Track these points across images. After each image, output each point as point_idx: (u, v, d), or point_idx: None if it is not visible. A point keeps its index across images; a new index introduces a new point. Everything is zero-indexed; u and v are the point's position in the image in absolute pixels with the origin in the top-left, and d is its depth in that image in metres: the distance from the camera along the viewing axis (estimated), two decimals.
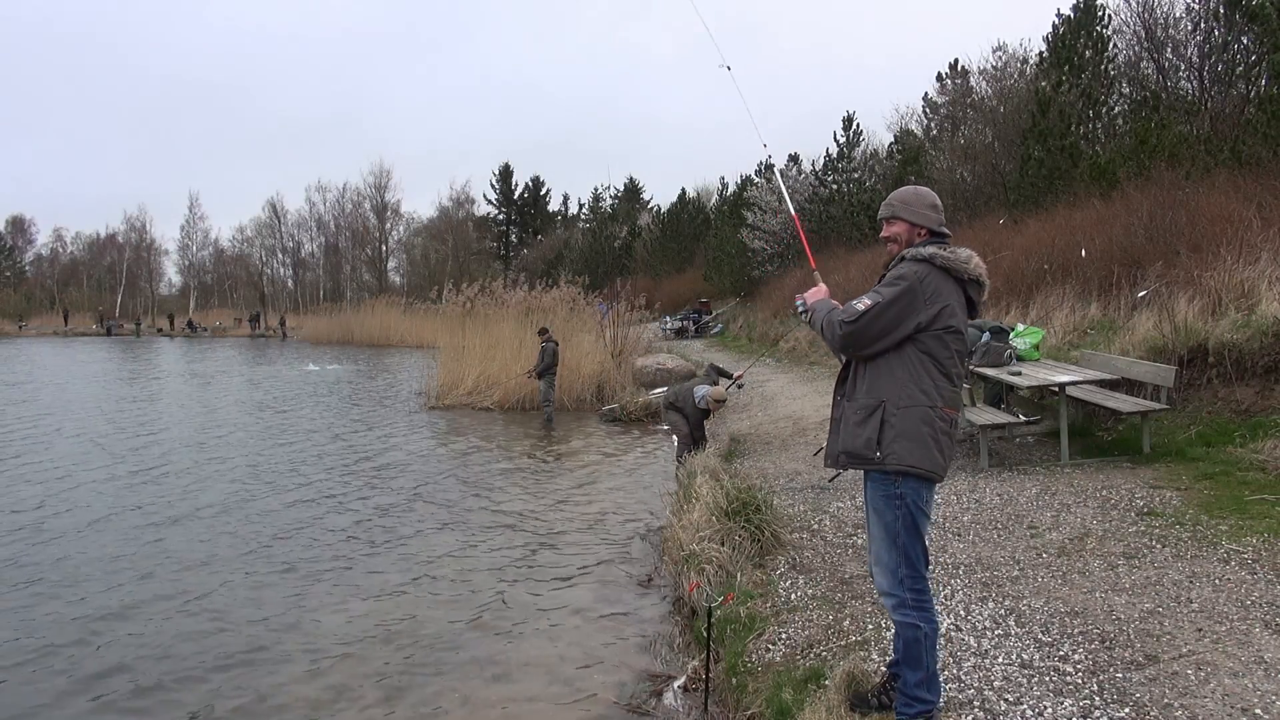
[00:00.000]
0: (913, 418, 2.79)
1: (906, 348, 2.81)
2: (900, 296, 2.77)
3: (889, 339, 2.80)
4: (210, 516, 7.51)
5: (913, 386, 2.80)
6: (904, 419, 2.79)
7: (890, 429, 2.79)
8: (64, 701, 4.15)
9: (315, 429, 12.82)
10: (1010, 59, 22.69)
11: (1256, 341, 6.80)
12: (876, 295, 2.81)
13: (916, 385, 2.80)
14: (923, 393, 2.80)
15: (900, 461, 2.78)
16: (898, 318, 2.77)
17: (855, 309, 2.80)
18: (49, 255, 71.65)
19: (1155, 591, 3.95)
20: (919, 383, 2.80)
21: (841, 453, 2.95)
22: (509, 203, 69.50)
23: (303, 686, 4.25)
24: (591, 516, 7.40)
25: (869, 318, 2.78)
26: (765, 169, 32.68)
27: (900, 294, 2.77)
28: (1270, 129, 11.11)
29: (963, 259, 2.85)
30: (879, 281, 2.97)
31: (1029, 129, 15.87)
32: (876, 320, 2.77)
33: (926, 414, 2.80)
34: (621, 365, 15.84)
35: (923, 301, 2.77)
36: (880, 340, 2.80)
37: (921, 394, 2.80)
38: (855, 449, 2.88)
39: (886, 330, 2.79)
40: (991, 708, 3.07)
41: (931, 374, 2.82)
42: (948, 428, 2.86)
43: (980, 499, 5.87)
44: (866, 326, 2.78)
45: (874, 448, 2.81)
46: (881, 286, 2.84)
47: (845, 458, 2.94)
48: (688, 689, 4.02)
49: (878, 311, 2.77)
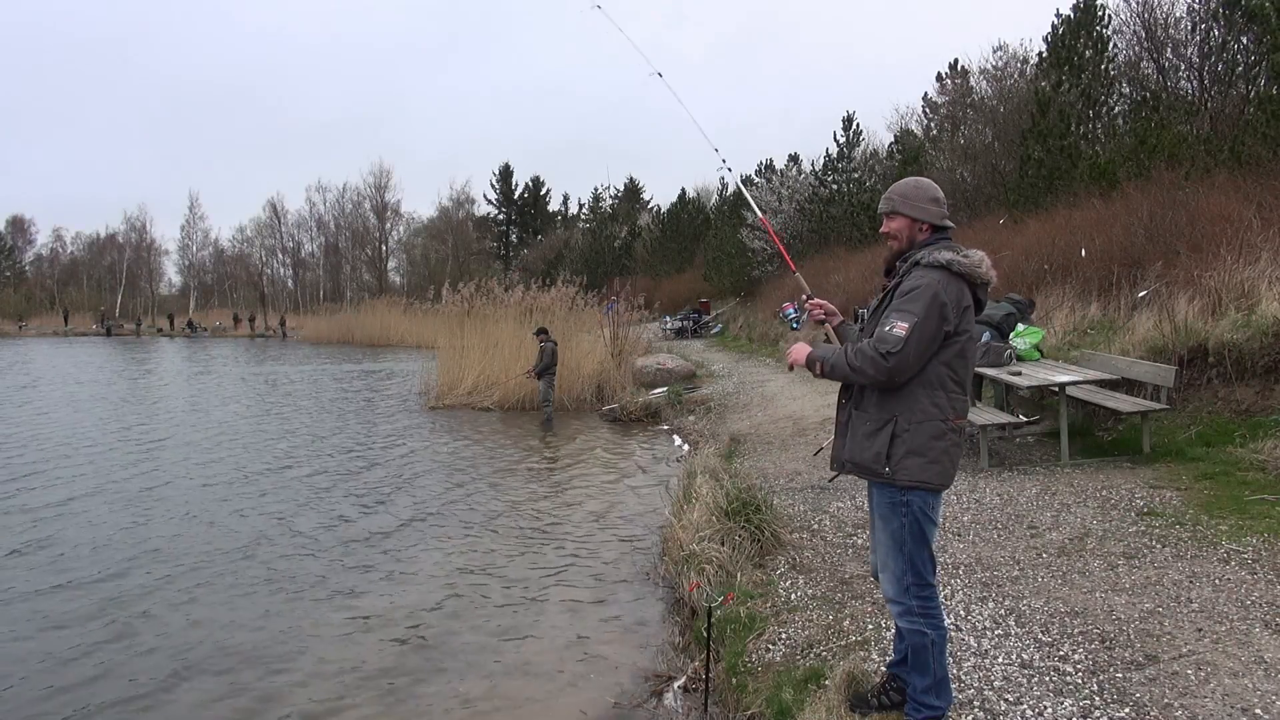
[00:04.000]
0: (924, 433, 2.73)
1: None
2: (930, 309, 2.66)
3: (928, 356, 2.71)
4: (206, 519, 7.50)
5: (925, 400, 2.74)
6: (916, 434, 2.74)
7: (901, 444, 2.74)
8: (65, 702, 4.14)
9: (315, 429, 12.82)
10: (1010, 59, 22.75)
11: (1256, 341, 6.80)
12: (908, 315, 2.67)
13: (929, 399, 2.74)
14: (935, 406, 2.74)
15: (911, 478, 2.74)
16: (935, 332, 2.68)
17: (896, 335, 2.66)
18: (49, 255, 71.69)
19: (1155, 591, 3.95)
20: (932, 396, 2.74)
21: (849, 461, 2.91)
22: (509, 203, 69.54)
23: (302, 687, 4.24)
24: (591, 516, 7.40)
25: (913, 340, 2.65)
26: (766, 168, 32.72)
27: (930, 307, 2.66)
28: (1270, 129, 11.11)
29: (976, 262, 2.76)
30: (888, 283, 2.89)
31: (1029, 129, 15.86)
32: (920, 341, 2.67)
33: (938, 428, 2.74)
34: (621, 365, 15.83)
35: (951, 311, 2.69)
36: (923, 359, 2.70)
37: (934, 408, 2.74)
38: (864, 461, 2.83)
39: (928, 347, 2.69)
40: (991, 708, 3.07)
41: (946, 384, 2.75)
42: (957, 437, 2.81)
43: (980, 499, 5.87)
44: (914, 350, 2.67)
45: (883, 462, 2.77)
46: (904, 304, 2.71)
47: (852, 467, 2.90)
48: (688, 689, 4.02)
49: (919, 333, 2.66)
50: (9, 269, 68.58)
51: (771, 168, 32.32)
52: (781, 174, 30.39)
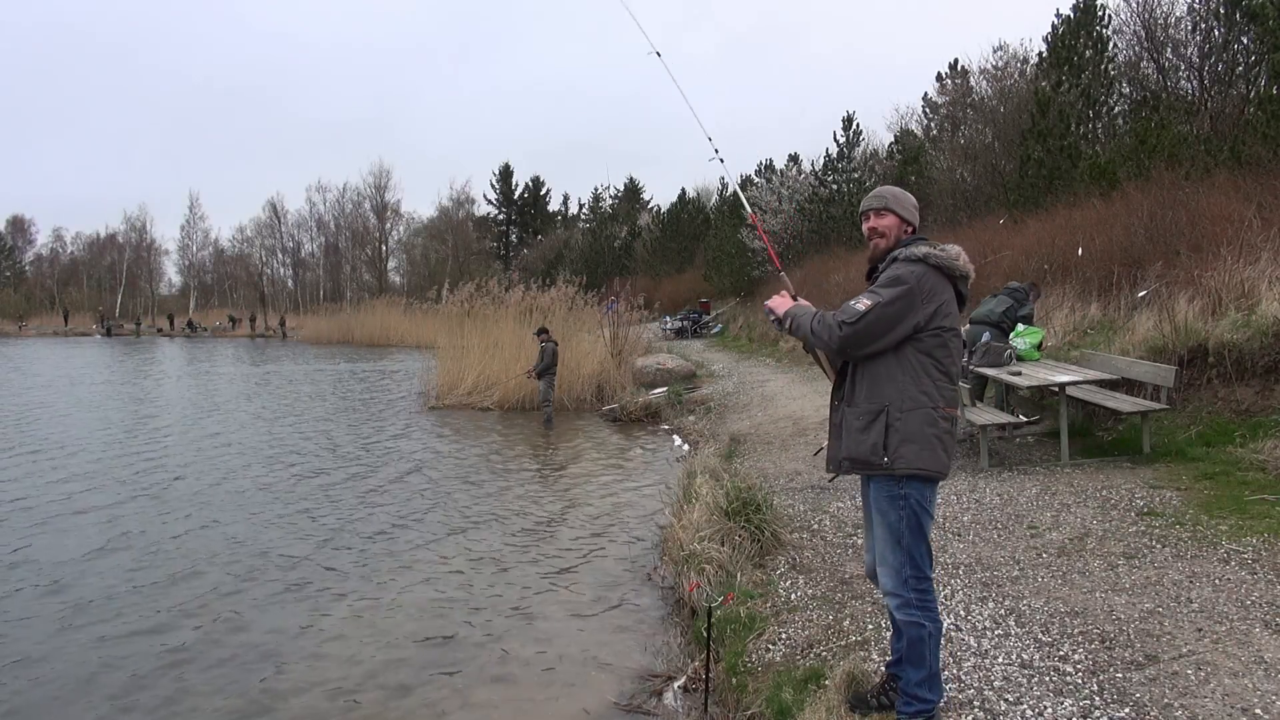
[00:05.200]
0: (917, 420, 2.79)
1: (905, 349, 2.81)
2: (899, 297, 2.77)
3: (888, 339, 2.80)
4: (206, 518, 7.50)
5: (914, 389, 2.81)
6: (908, 422, 2.79)
7: (896, 433, 2.80)
8: (66, 701, 4.14)
9: (315, 429, 12.82)
10: (1010, 59, 22.73)
11: (1256, 341, 6.80)
12: (875, 295, 2.80)
13: (917, 387, 2.81)
14: (924, 394, 2.81)
15: (909, 465, 2.78)
16: (897, 317, 2.77)
17: (855, 309, 2.79)
18: (49, 255, 71.72)
19: (1155, 591, 3.95)
20: (919, 384, 2.81)
21: (845, 458, 2.94)
22: (509, 203, 69.56)
23: (301, 687, 4.24)
24: (591, 516, 7.40)
25: (870, 318, 2.77)
26: (766, 168, 32.72)
27: (899, 294, 2.77)
28: (1270, 129, 11.11)
29: (953, 256, 2.86)
30: (870, 282, 2.97)
31: (1029, 129, 15.86)
32: (878, 321, 2.77)
33: (930, 415, 2.80)
34: (621, 365, 15.83)
35: (920, 301, 2.78)
36: (879, 340, 2.80)
37: (923, 395, 2.81)
38: (860, 455, 2.87)
39: (886, 330, 2.78)
40: (991, 708, 3.07)
41: (931, 374, 2.82)
42: (950, 426, 2.88)
43: (980, 499, 5.87)
44: (867, 327, 2.77)
45: (880, 453, 2.81)
46: (879, 287, 2.83)
47: (849, 463, 2.93)
48: (688, 689, 4.02)
49: (878, 312, 2.76)
50: (9, 269, 68.64)
51: (771, 168, 32.31)
52: (781, 174, 30.38)
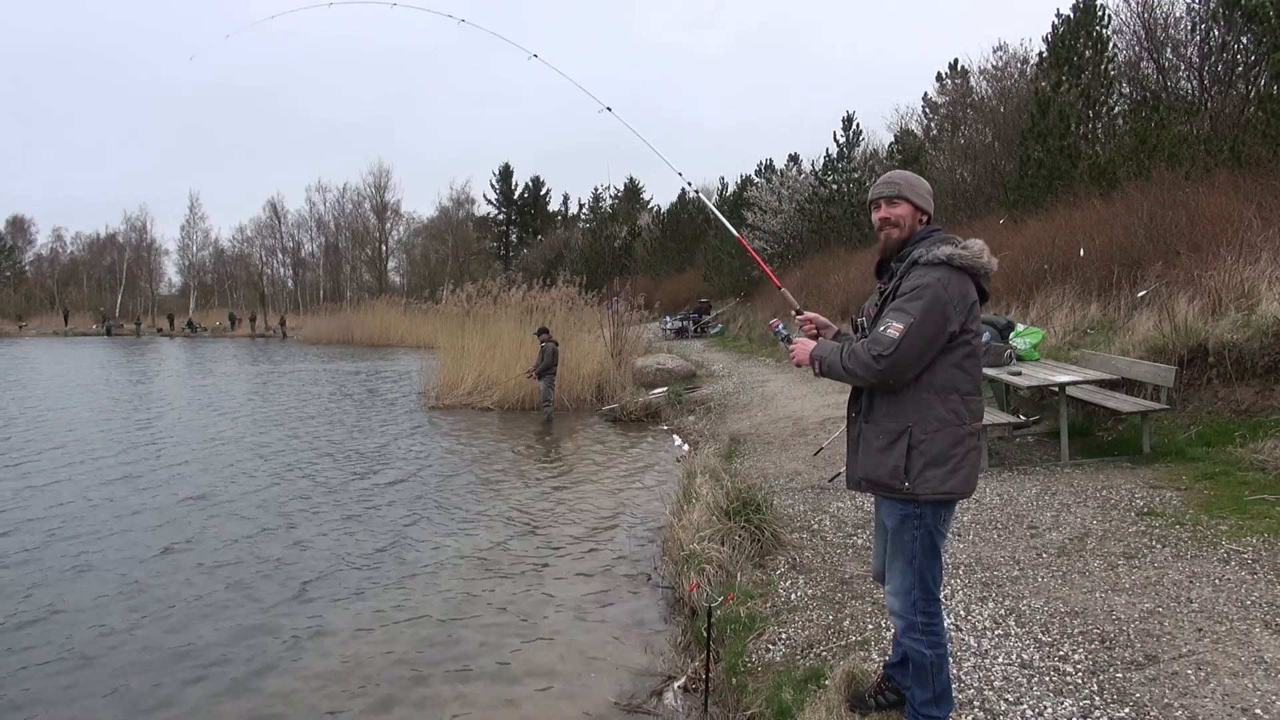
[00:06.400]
0: (942, 442, 2.60)
1: (933, 362, 2.61)
2: (930, 311, 2.53)
3: (928, 358, 2.58)
4: (206, 518, 7.50)
5: (940, 407, 2.60)
6: (933, 444, 2.60)
7: (919, 455, 2.60)
8: (67, 702, 4.15)
9: (315, 429, 12.81)
10: (1010, 59, 22.73)
11: (1256, 341, 6.80)
12: (905, 316, 2.54)
13: (944, 405, 2.60)
14: (951, 412, 2.60)
15: (933, 491, 2.60)
16: (935, 335, 2.55)
17: (889, 337, 2.53)
18: (49, 255, 71.75)
19: (1155, 591, 3.95)
20: (946, 402, 2.60)
21: (864, 479, 2.76)
22: (509, 203, 69.59)
23: (301, 688, 4.24)
24: (591, 516, 7.40)
25: (905, 345, 2.52)
26: (766, 168, 32.72)
27: (930, 309, 2.53)
28: (1270, 129, 11.10)
29: (976, 253, 2.61)
30: (880, 279, 2.81)
31: (1029, 129, 15.86)
32: (915, 344, 2.53)
33: (956, 434, 2.60)
34: (621, 365, 15.83)
35: (953, 311, 2.55)
36: (921, 363, 2.57)
37: (950, 414, 2.60)
38: (879, 477, 2.68)
39: (925, 351, 2.56)
40: (991, 708, 3.07)
41: (960, 387, 2.62)
42: (976, 441, 2.68)
43: (980, 499, 5.87)
44: (905, 354, 2.53)
45: (901, 477, 2.62)
46: (903, 303, 2.57)
47: (868, 484, 2.75)
48: (688, 689, 4.02)
49: (914, 335, 2.52)
50: (9, 269, 68.62)
51: (771, 168, 32.32)
52: (781, 174, 30.39)
